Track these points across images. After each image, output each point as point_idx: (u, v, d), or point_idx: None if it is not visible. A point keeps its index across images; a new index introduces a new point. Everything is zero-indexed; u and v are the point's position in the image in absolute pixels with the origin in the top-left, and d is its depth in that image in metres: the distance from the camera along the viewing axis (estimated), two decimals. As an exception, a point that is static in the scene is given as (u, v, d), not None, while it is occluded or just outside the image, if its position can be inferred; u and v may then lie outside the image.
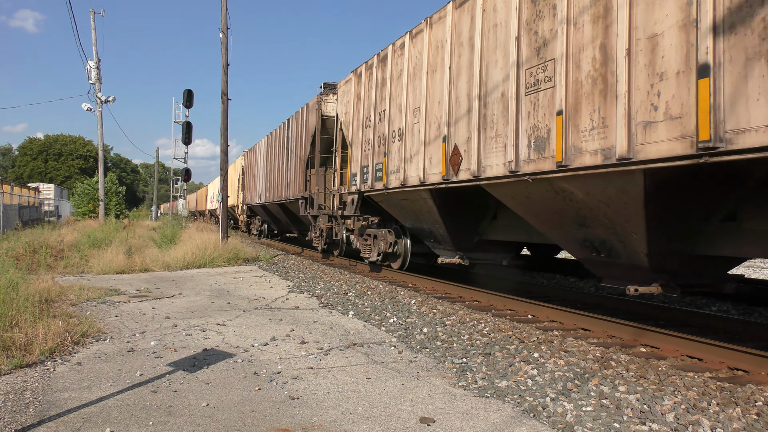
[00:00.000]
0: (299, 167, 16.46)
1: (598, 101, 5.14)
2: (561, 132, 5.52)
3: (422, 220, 9.49)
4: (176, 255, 13.98)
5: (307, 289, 9.90)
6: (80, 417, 3.68)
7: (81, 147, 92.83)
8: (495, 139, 6.65)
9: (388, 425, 3.63)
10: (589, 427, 3.62)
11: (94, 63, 27.56)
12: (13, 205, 26.61)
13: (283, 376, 4.67)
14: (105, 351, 5.40)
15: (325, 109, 14.87)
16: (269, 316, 7.37)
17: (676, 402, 4.00)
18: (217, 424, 3.59)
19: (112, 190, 35.69)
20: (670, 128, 4.44)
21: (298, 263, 15.09)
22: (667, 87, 4.49)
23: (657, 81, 4.58)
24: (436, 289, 10.00)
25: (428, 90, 8.42)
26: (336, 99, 13.96)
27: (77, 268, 12.53)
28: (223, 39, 18.13)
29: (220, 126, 18.24)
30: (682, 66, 4.38)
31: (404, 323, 6.90)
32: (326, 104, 14.89)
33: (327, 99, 14.89)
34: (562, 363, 5.04)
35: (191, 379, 4.53)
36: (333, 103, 14.64)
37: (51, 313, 6.63)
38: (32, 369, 4.73)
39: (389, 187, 9.74)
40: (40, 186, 54.36)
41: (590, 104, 5.23)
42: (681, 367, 5.08)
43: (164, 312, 7.51)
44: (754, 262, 18.77)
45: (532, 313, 7.66)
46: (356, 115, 11.72)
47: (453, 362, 5.17)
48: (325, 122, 14.89)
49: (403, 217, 10.35)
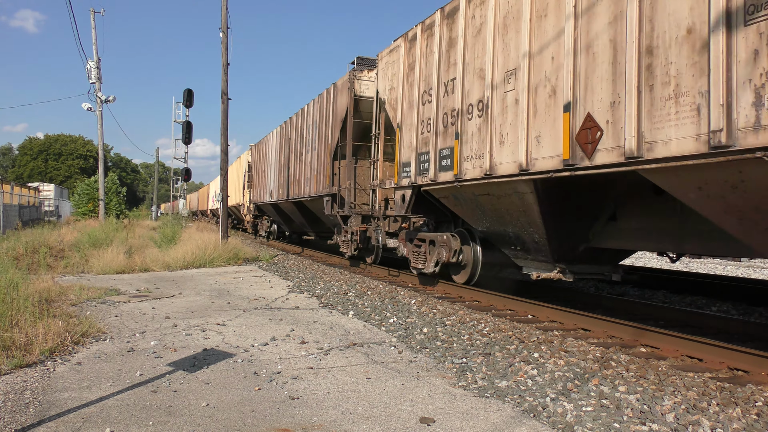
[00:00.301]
0: (323, 159, 14.31)
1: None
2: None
3: (508, 221, 7.40)
4: (176, 255, 13.98)
5: (307, 289, 9.90)
6: (80, 417, 3.68)
7: (81, 147, 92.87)
8: (674, 101, 4.58)
9: (388, 425, 3.63)
10: (589, 427, 3.62)
11: (94, 63, 27.56)
12: (13, 205, 26.61)
13: (283, 376, 4.67)
14: (105, 351, 5.40)
15: (359, 88, 12.65)
16: (269, 316, 7.37)
17: (676, 402, 4.00)
18: (217, 424, 3.59)
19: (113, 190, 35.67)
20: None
21: (298, 263, 15.09)
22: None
23: None
24: (436, 289, 10.00)
25: (532, 43, 6.40)
26: (375, 75, 11.89)
27: (77, 268, 12.53)
28: (223, 39, 18.13)
29: (220, 126, 18.24)
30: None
31: (404, 323, 6.90)
32: (360, 82, 12.67)
33: (361, 76, 12.70)
34: (562, 363, 5.04)
35: (191, 379, 4.53)
36: (370, 81, 12.60)
37: (51, 312, 6.63)
38: (32, 369, 4.73)
39: (463, 179, 7.64)
40: (40, 186, 54.33)
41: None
42: (681, 367, 5.08)
43: (164, 312, 7.51)
44: (754, 262, 18.74)
45: (532, 313, 7.65)
46: (408, 90, 9.56)
47: (453, 362, 5.17)
48: (358, 104, 12.67)
49: (475, 218, 8.20)
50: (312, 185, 15.39)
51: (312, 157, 15.54)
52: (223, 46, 18.17)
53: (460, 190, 7.91)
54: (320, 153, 14.70)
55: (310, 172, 15.72)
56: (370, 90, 12.52)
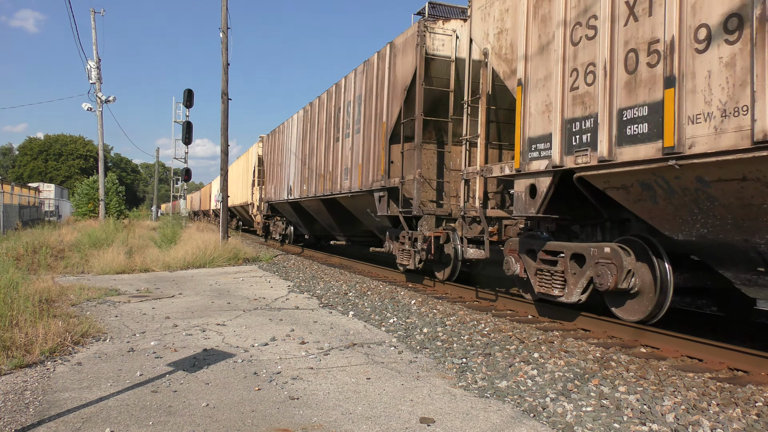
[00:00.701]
0: (374, 143, 11.28)
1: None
2: None
3: (761, 225, 4.54)
4: (176, 255, 13.99)
5: (307, 289, 9.90)
6: (80, 417, 3.68)
7: (81, 147, 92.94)
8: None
9: (388, 425, 3.63)
10: (589, 427, 3.62)
11: (94, 63, 27.58)
12: (13, 205, 26.62)
13: (283, 376, 4.67)
14: (105, 351, 5.40)
15: (432, 44, 9.72)
16: (269, 316, 7.37)
17: (676, 402, 4.00)
18: (217, 424, 3.60)
19: (113, 190, 35.71)
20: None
21: (298, 263, 15.09)
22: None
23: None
24: (436, 289, 9.99)
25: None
26: (464, 22, 9.55)
27: (77, 268, 12.54)
28: (223, 39, 18.14)
29: (221, 126, 18.25)
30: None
31: (404, 323, 6.90)
32: (434, 36, 9.74)
33: (435, 28, 9.78)
34: (562, 363, 5.04)
35: (191, 379, 4.53)
36: (446, 35, 9.81)
37: (51, 313, 6.63)
38: (32, 369, 4.73)
39: (687, 154, 4.64)
40: (41, 186, 54.35)
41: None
42: (681, 367, 5.08)
43: (164, 312, 7.52)
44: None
45: (532, 313, 7.65)
46: (539, 27, 6.61)
47: (453, 362, 5.17)
48: (429, 66, 9.71)
49: (679, 221, 5.19)
50: (354, 177, 12.31)
51: (355, 142, 12.46)
52: (223, 46, 18.19)
53: (680, 172, 4.83)
54: (368, 135, 11.68)
55: (351, 161, 12.63)
56: (446, 47, 9.82)
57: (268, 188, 22.11)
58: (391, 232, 11.20)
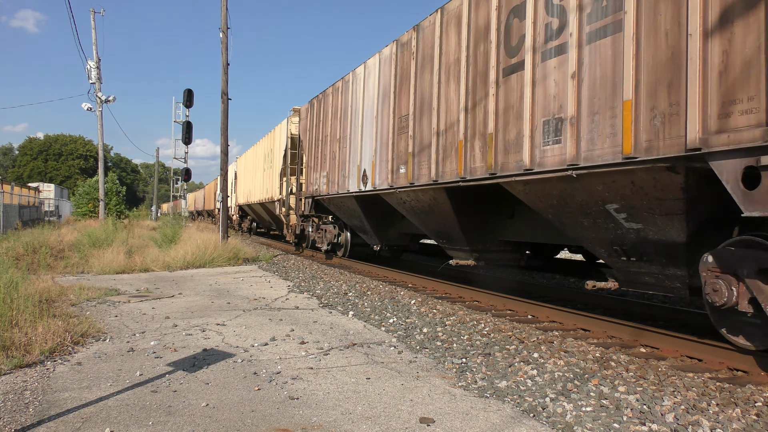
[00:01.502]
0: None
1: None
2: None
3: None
4: (176, 255, 13.98)
5: (307, 289, 9.90)
6: (80, 417, 3.68)
7: (81, 147, 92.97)
8: None
9: (388, 425, 3.63)
10: (588, 427, 3.62)
11: (94, 63, 27.58)
12: (13, 205, 26.62)
13: (282, 376, 4.67)
14: (105, 351, 5.40)
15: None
16: (269, 316, 7.37)
17: (675, 402, 4.00)
18: (217, 424, 3.60)
19: (113, 190, 35.73)
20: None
21: (298, 263, 15.08)
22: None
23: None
24: (436, 289, 10.00)
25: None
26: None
27: (77, 268, 12.53)
28: (223, 39, 18.13)
29: (221, 126, 18.23)
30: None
31: (404, 323, 6.90)
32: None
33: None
34: (561, 363, 5.04)
35: (191, 379, 4.53)
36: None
37: (51, 312, 6.63)
38: (32, 369, 4.73)
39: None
40: (40, 186, 54.36)
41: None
42: (681, 367, 5.08)
43: (164, 312, 7.52)
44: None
45: (532, 313, 7.65)
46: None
47: (453, 362, 5.17)
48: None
49: None
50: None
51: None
52: (223, 46, 18.18)
53: None
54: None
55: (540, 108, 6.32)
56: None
57: (311, 177, 15.70)
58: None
